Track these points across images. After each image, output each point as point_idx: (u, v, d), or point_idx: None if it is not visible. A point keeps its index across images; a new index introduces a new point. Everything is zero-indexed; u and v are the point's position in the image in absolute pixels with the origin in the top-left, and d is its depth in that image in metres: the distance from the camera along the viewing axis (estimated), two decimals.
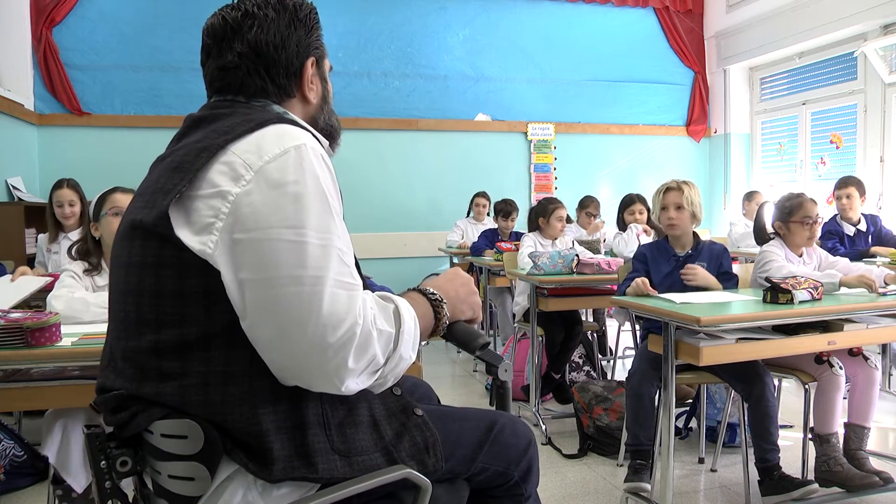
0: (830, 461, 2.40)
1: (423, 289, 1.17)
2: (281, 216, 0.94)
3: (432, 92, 6.60)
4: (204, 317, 0.97)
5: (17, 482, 2.73)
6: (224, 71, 1.14)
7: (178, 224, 0.97)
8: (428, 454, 1.11)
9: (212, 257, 0.95)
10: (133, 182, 5.53)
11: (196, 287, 0.97)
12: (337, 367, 0.94)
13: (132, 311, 1.02)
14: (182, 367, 0.98)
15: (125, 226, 1.06)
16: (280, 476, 0.98)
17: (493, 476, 1.24)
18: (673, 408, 2.25)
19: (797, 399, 3.41)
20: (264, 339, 0.95)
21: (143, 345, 1.00)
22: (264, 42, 1.12)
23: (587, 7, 7.08)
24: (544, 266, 3.45)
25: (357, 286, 0.99)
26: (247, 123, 1.03)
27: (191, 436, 0.96)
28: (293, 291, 0.93)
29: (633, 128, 7.26)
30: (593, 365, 4.09)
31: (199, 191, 0.98)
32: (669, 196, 2.75)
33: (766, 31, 6.50)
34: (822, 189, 6.23)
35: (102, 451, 1.01)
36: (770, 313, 2.18)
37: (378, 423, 1.10)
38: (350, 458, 1.03)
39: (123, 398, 1.01)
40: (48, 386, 1.80)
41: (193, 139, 1.06)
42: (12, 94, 5.18)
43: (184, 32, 6.06)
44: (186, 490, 0.98)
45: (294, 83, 1.17)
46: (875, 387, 2.50)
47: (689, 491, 2.70)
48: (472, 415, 1.29)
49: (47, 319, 1.75)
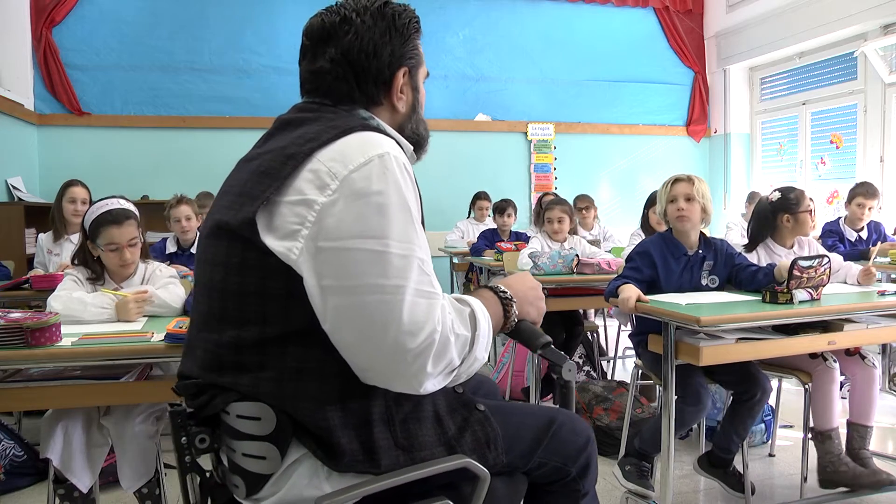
0: (835, 462, 2.37)
1: (494, 286, 1.22)
2: (365, 226, 0.97)
3: (432, 92, 6.58)
4: (284, 317, 1.01)
5: (17, 482, 2.73)
6: (314, 74, 1.16)
7: (263, 229, 1.00)
8: (489, 448, 1.15)
9: (296, 263, 0.99)
10: (133, 181, 5.57)
11: (278, 289, 1.00)
12: (417, 371, 0.98)
13: (216, 307, 1.07)
14: (259, 361, 1.02)
15: (212, 224, 1.10)
16: (345, 468, 1.03)
17: (551, 471, 1.27)
18: (673, 408, 2.25)
19: (797, 399, 3.41)
20: (346, 343, 1.00)
21: (224, 339, 1.04)
22: (357, 49, 1.13)
23: (587, 7, 7.08)
24: (544, 266, 3.45)
25: (437, 294, 1.02)
26: (332, 130, 1.05)
27: (263, 418, 1.02)
28: (375, 300, 0.96)
29: (633, 128, 7.26)
30: (593, 365, 4.09)
31: (284, 196, 1.01)
32: (679, 187, 2.54)
33: (766, 31, 6.50)
34: (823, 189, 6.24)
35: (183, 428, 1.08)
36: (770, 313, 2.17)
37: (441, 418, 1.14)
38: (412, 453, 1.07)
39: (202, 385, 1.07)
40: (48, 386, 1.80)
41: (280, 144, 1.08)
42: (12, 94, 5.18)
43: (184, 32, 6.07)
44: (259, 468, 1.03)
45: (382, 92, 1.18)
46: (874, 385, 2.50)
47: (689, 491, 2.70)
48: (532, 411, 1.32)
49: (47, 319, 1.75)
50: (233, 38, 6.18)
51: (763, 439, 3.15)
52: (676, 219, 2.54)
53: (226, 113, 6.16)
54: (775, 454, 3.06)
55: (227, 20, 6.17)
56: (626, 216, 6.93)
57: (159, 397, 1.97)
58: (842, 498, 2.41)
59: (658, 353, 2.30)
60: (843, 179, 5.95)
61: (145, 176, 5.90)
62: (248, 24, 6.21)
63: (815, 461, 2.45)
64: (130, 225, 2.31)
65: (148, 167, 5.95)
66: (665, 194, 2.58)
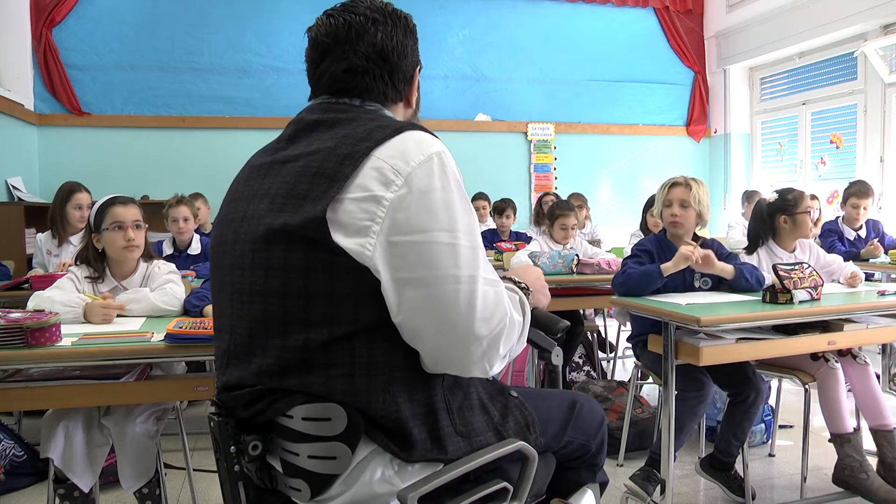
0: (855, 467, 2.32)
1: (510, 277, 1.28)
2: (434, 220, 1.01)
3: (432, 92, 6.59)
4: (353, 316, 1.02)
5: (17, 482, 2.73)
6: (351, 73, 1.16)
7: (332, 227, 1.01)
8: (529, 431, 1.22)
9: (371, 259, 1.00)
10: (133, 181, 5.54)
11: (347, 289, 1.02)
12: (491, 354, 1.05)
13: (275, 311, 1.05)
14: (327, 360, 1.03)
15: (259, 230, 1.06)
16: (418, 458, 1.06)
17: (576, 448, 1.37)
18: (673, 408, 2.25)
19: (797, 399, 3.41)
20: (423, 333, 1.03)
21: (290, 343, 1.04)
22: (390, 48, 1.17)
23: (587, 7, 7.08)
24: (544, 266, 3.45)
25: (499, 282, 1.08)
26: (382, 129, 1.07)
27: (335, 418, 1.03)
28: (452, 290, 1.00)
29: (633, 128, 7.26)
30: (593, 365, 4.09)
31: (348, 194, 1.01)
32: (675, 192, 2.56)
33: (766, 31, 6.50)
34: (823, 189, 6.24)
35: (232, 438, 1.08)
36: (770, 313, 2.18)
37: (486, 405, 1.19)
38: (470, 439, 1.12)
39: (258, 392, 1.06)
40: (48, 386, 1.80)
41: (325, 144, 1.08)
42: (12, 94, 5.18)
43: (184, 32, 6.07)
44: (327, 468, 1.04)
45: (406, 89, 1.24)
46: (873, 381, 2.47)
47: (689, 491, 2.70)
48: (554, 395, 1.40)
49: (47, 319, 1.75)
50: (233, 38, 6.19)
51: (763, 439, 3.15)
52: (670, 223, 2.60)
53: (226, 113, 6.16)
54: (775, 454, 3.05)
55: (227, 20, 6.17)
56: (625, 216, 6.94)
57: (159, 397, 1.98)
58: (842, 498, 2.41)
59: (658, 352, 2.30)
60: (843, 179, 5.93)
61: (145, 176, 5.90)
62: (249, 24, 6.21)
63: (822, 461, 2.44)
64: (135, 208, 2.34)
65: (148, 167, 5.95)
66: (662, 197, 2.62)
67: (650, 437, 3.00)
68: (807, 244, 2.83)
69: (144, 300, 2.22)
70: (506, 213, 5.02)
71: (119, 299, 2.22)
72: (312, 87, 1.22)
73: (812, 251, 2.83)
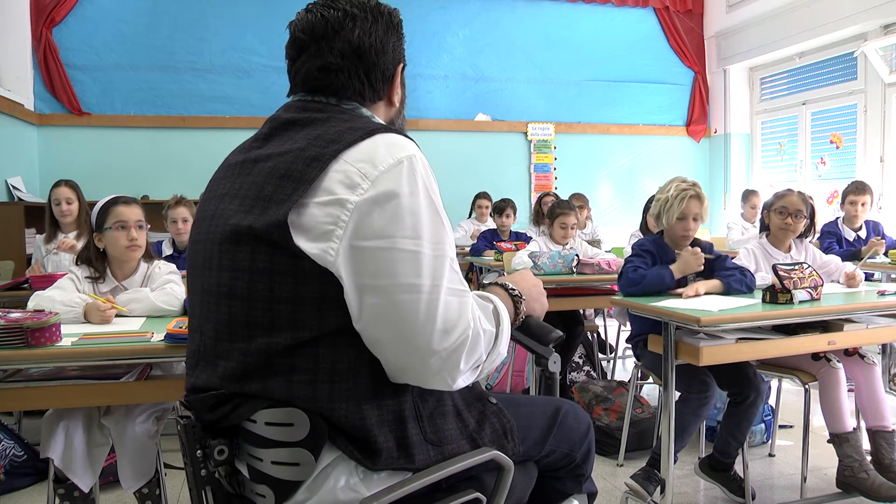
0: (855, 468, 2.33)
1: (503, 283, 1.24)
2: (399, 226, 0.98)
3: (432, 92, 6.60)
4: (317, 321, 1.00)
5: (17, 482, 2.73)
6: (325, 71, 1.13)
7: (294, 231, 0.98)
8: (507, 439, 1.18)
9: (333, 264, 0.98)
10: (133, 181, 5.54)
11: (312, 293, 0.99)
12: (451, 368, 1.01)
13: (240, 314, 1.03)
14: (291, 365, 1.01)
15: (226, 230, 1.05)
16: (383, 466, 1.03)
17: (559, 458, 1.33)
18: (673, 407, 2.25)
19: (797, 399, 3.41)
20: (381, 342, 1.00)
21: (254, 347, 1.02)
22: (367, 45, 1.13)
23: (587, 7, 7.08)
24: (544, 266, 3.45)
25: (466, 292, 1.04)
26: (354, 132, 1.04)
27: (297, 423, 1.00)
28: (411, 299, 0.97)
29: (633, 128, 7.26)
30: (593, 365, 4.09)
31: (313, 198, 0.99)
32: (693, 206, 2.50)
33: (766, 31, 6.50)
34: (823, 189, 6.24)
35: (199, 441, 1.05)
36: (770, 313, 2.18)
37: (461, 412, 1.16)
38: (441, 447, 1.09)
39: (223, 396, 1.04)
40: (48, 386, 1.80)
41: (295, 145, 1.06)
42: (12, 94, 5.18)
43: (184, 32, 6.07)
44: (290, 475, 1.02)
45: (385, 87, 1.19)
46: (878, 382, 2.47)
47: (690, 491, 2.70)
48: (537, 402, 1.36)
49: (47, 319, 1.75)
50: (233, 38, 6.18)
51: (763, 439, 3.15)
52: (682, 237, 2.57)
53: (226, 113, 6.16)
54: (775, 454, 3.05)
55: (227, 20, 6.17)
56: (625, 216, 6.94)
57: (159, 397, 1.97)
58: (842, 498, 2.41)
59: (658, 352, 2.30)
60: (843, 179, 5.92)
61: (145, 176, 5.90)
62: (249, 25, 6.21)
63: (822, 463, 2.44)
64: (138, 208, 2.35)
65: (148, 167, 5.95)
66: (676, 207, 2.52)
67: (650, 437, 3.01)
68: (802, 246, 2.84)
69: (145, 300, 2.22)
70: (506, 213, 5.02)
71: (119, 299, 2.22)
72: (290, 83, 1.20)
73: (809, 252, 2.83)
